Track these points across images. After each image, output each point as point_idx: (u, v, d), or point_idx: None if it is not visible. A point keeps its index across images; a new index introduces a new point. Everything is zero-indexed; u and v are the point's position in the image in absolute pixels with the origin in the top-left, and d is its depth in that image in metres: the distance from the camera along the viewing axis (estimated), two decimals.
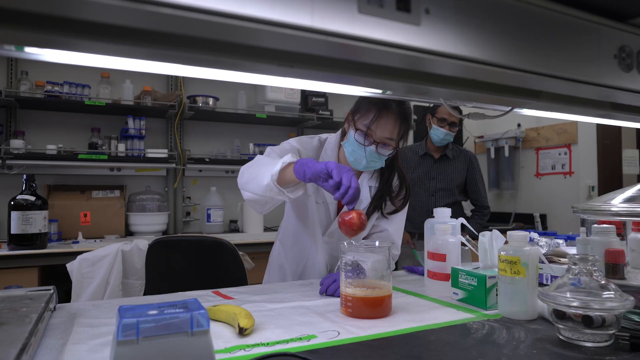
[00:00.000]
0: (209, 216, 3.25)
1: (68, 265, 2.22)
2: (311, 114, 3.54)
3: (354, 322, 0.96)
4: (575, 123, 3.59)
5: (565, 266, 1.13)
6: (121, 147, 2.93)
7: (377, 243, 1.08)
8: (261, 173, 1.17)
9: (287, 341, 0.84)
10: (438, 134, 2.64)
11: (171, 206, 3.26)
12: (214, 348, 0.71)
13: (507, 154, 4.01)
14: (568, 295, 0.83)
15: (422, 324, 0.95)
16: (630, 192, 1.01)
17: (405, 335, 0.88)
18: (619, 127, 3.61)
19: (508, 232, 1.03)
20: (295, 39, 0.46)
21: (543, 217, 3.75)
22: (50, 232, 2.64)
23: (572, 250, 1.33)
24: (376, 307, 1.00)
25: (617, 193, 1.02)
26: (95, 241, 2.66)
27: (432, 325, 0.94)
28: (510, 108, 0.92)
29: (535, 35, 0.58)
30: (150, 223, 3.01)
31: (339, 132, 1.45)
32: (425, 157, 2.78)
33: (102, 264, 2.22)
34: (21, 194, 2.27)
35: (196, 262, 1.98)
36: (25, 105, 2.83)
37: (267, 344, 0.83)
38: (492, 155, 4.16)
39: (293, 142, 1.43)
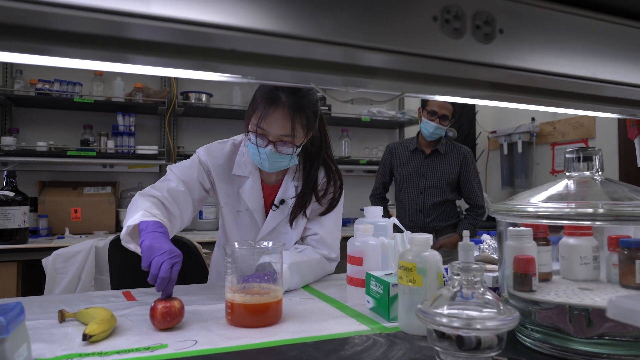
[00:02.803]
0: (200, 213, 3.23)
1: (43, 261, 2.24)
2: None
3: (226, 331, 0.87)
4: (593, 117, 3.30)
5: (488, 274, 1.00)
6: (110, 143, 2.95)
7: (270, 244, 0.99)
8: (126, 221, 1.14)
9: (128, 351, 0.76)
10: (428, 127, 2.49)
11: None
12: (9, 359, 0.64)
13: (520, 149, 3.76)
14: (443, 311, 0.70)
15: (302, 335, 0.85)
16: (555, 188, 0.86)
17: (266, 348, 0.78)
18: None
19: (409, 235, 0.90)
20: None
21: None
22: (39, 227, 2.70)
23: None
24: (259, 315, 0.91)
25: (540, 189, 0.87)
26: (80, 237, 2.69)
27: (310, 338, 0.83)
28: (400, 93, 0.80)
29: None
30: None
31: None
32: (415, 152, 2.63)
33: (76, 259, 2.23)
34: (1, 189, 2.32)
35: None
36: (19, 103, 2.91)
37: (105, 353, 0.75)
38: (505, 152, 3.91)
39: (201, 152, 1.37)
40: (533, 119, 3.76)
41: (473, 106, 4.20)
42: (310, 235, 1.38)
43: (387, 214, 2.80)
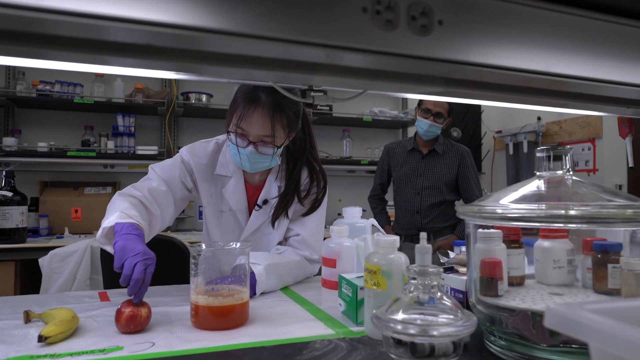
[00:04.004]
0: (200, 213, 3.24)
1: (40, 260, 2.26)
2: (308, 110, 3.42)
3: (187, 334, 0.86)
4: (600, 117, 3.22)
5: (459, 277, 0.97)
6: (110, 144, 2.97)
7: (237, 245, 0.97)
8: (102, 223, 1.11)
9: (81, 353, 0.75)
10: (422, 125, 2.46)
11: None
12: None
13: (525, 149, 3.68)
14: (398, 317, 0.68)
15: (264, 339, 0.83)
16: (526, 189, 0.83)
17: (221, 352, 0.76)
18: None
19: (375, 237, 0.88)
20: None
21: None
22: (39, 227, 2.73)
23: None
24: (223, 317, 0.89)
25: (511, 189, 0.84)
26: (80, 237, 2.71)
27: (271, 342, 0.81)
28: (362, 90, 0.78)
29: None
30: None
31: None
32: (413, 152, 2.59)
33: (71, 259, 2.25)
34: (0, 190, 2.35)
35: None
36: (21, 105, 2.95)
37: (58, 355, 0.74)
38: (511, 152, 3.84)
39: (184, 151, 1.36)
40: (539, 119, 3.68)
41: (478, 106, 4.14)
42: (292, 236, 1.36)
43: (385, 215, 2.78)
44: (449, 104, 2.40)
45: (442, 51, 0.51)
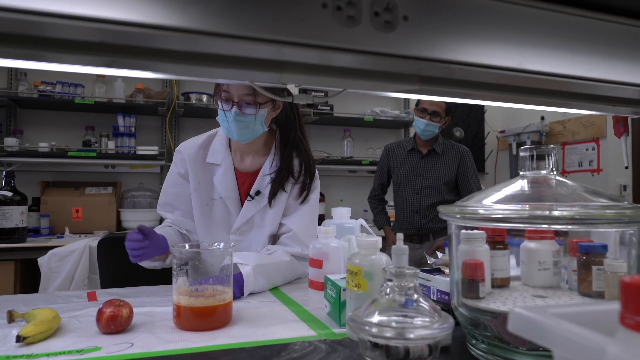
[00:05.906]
0: None
1: (39, 260, 2.28)
2: (308, 110, 3.42)
3: (167, 335, 0.85)
4: (604, 116, 3.18)
5: (445, 278, 0.95)
6: (111, 144, 2.99)
7: (221, 245, 0.96)
8: None
9: (58, 354, 0.75)
10: (419, 124, 2.44)
11: None
12: None
13: None
14: (374, 320, 0.66)
15: (244, 340, 0.82)
16: (510, 188, 0.81)
17: (199, 353, 0.76)
18: None
19: (358, 238, 0.87)
20: None
21: None
22: (40, 226, 2.75)
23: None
24: (205, 318, 0.88)
25: (495, 189, 0.83)
26: (80, 236, 2.72)
27: (250, 343, 0.80)
28: (342, 89, 0.77)
29: None
30: (142, 219, 3.03)
31: None
32: (412, 152, 2.58)
33: (70, 259, 2.26)
34: (0, 190, 2.37)
35: None
36: (23, 105, 2.98)
37: (35, 355, 0.74)
38: (514, 152, 3.80)
39: (179, 147, 1.43)
40: (542, 118, 3.64)
41: (481, 106, 4.10)
42: (284, 232, 1.36)
43: (385, 216, 2.76)
44: (447, 103, 2.38)
45: (409, 48, 0.50)
